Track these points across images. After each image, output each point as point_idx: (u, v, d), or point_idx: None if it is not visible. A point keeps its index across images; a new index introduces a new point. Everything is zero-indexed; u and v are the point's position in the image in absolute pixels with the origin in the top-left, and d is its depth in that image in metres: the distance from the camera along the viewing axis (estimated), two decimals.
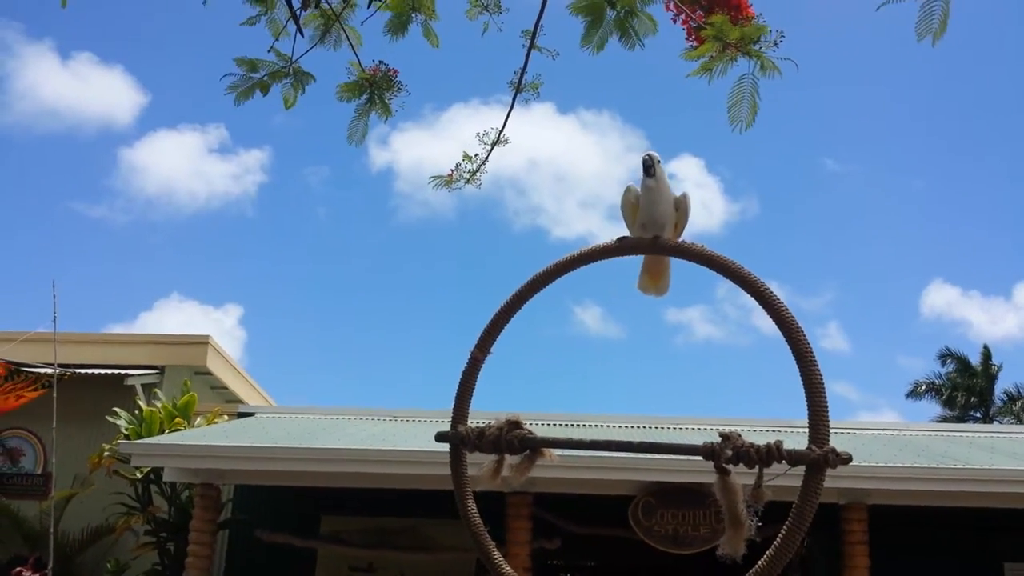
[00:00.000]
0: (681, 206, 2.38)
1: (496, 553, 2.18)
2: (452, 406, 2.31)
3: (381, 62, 4.49)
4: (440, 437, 2.28)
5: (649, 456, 7.97)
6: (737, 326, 43.80)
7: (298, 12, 4.20)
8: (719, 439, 1.98)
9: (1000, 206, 44.17)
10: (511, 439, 2.16)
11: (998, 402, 29.26)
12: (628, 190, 2.43)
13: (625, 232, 2.43)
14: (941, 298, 44.58)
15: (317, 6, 4.33)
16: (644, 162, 2.37)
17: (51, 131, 36.33)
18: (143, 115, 40.26)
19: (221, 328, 41.64)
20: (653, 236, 2.34)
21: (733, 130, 3.72)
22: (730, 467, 1.97)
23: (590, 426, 11.54)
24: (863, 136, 43.31)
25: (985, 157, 43.61)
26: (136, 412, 10.80)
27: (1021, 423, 26.99)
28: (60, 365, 9.39)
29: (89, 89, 37.97)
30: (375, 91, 4.47)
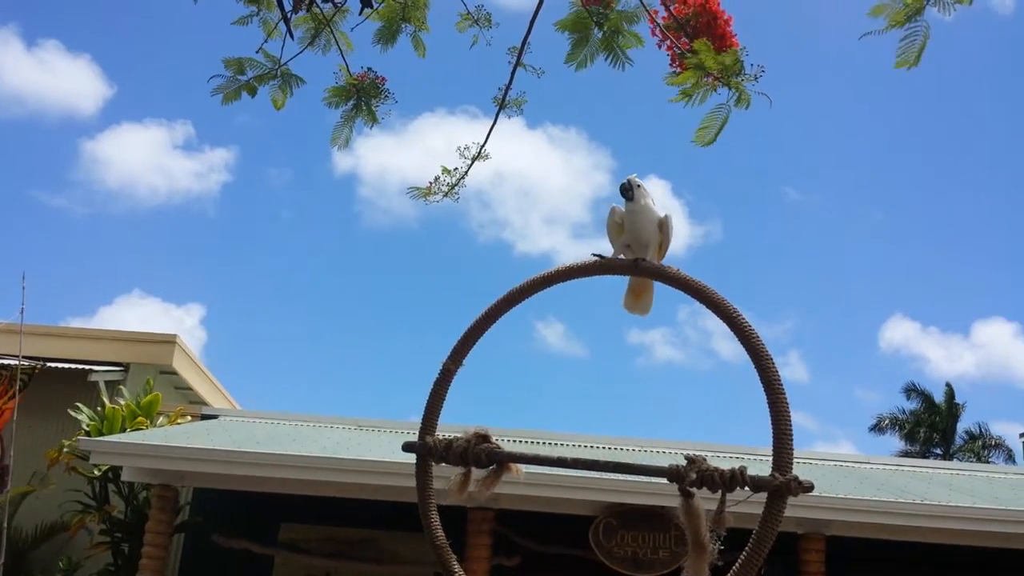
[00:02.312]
0: (664, 227, 2.41)
1: (458, 568, 2.18)
2: (420, 417, 2.31)
3: (369, 69, 4.51)
4: (407, 447, 2.27)
5: (613, 476, 7.99)
6: (698, 350, 44.06)
7: (289, 15, 4.20)
8: (684, 462, 2.00)
9: (962, 242, 44.94)
10: (479, 452, 2.16)
11: (959, 440, 29.63)
12: (613, 211, 2.45)
13: (609, 249, 2.45)
14: (900, 333, 45.19)
15: (309, 9, 4.34)
16: (623, 187, 2.40)
17: (14, 117, 35.81)
18: (107, 107, 39.86)
19: (182, 327, 41.20)
20: (634, 259, 2.36)
21: (693, 145, 3.81)
22: (694, 491, 1.99)
23: (555, 444, 11.53)
24: (823, 167, 43.93)
25: (947, 192, 44.40)
26: (98, 409, 10.66)
27: (981, 461, 27.34)
28: (25, 357, 9.25)
29: (54, 77, 37.53)
30: (362, 97, 4.47)
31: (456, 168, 4.52)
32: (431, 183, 4.51)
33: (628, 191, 2.39)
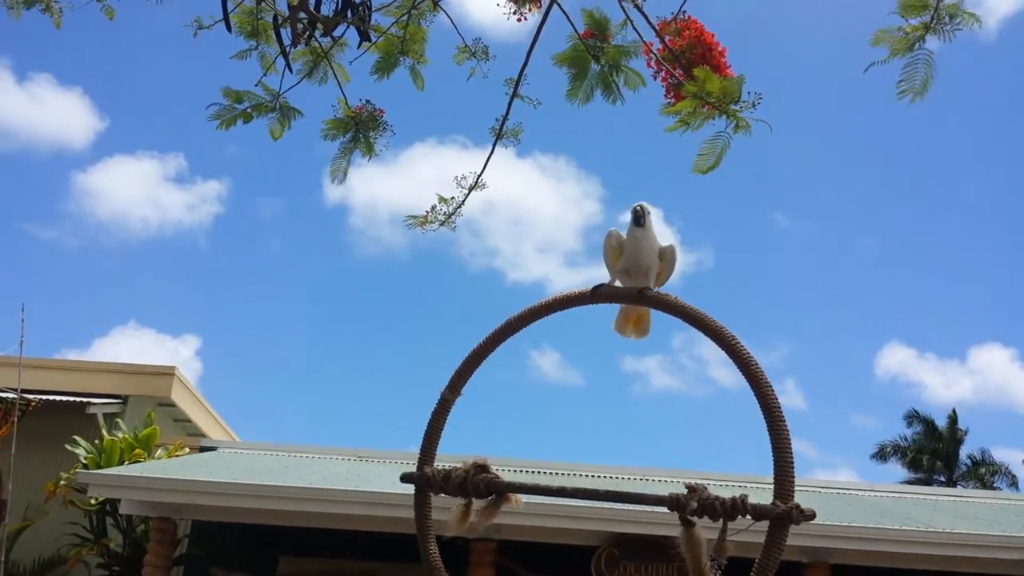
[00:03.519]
0: (666, 256, 2.39)
1: None
2: (419, 447, 2.30)
3: (368, 101, 4.53)
4: (406, 478, 2.26)
5: (614, 506, 7.94)
6: (694, 377, 43.91)
7: (288, 49, 4.24)
8: (685, 491, 1.99)
9: (956, 268, 44.98)
10: (478, 482, 2.15)
11: (962, 467, 29.48)
12: (610, 235, 2.43)
13: (606, 274, 2.44)
14: (896, 359, 45.09)
15: (308, 43, 4.37)
16: (635, 212, 2.38)
17: (5, 150, 35.95)
18: (99, 140, 39.94)
19: (178, 358, 41.01)
20: (640, 288, 2.34)
21: (693, 174, 3.82)
22: (695, 519, 1.97)
23: (555, 473, 11.47)
24: (811, 192, 44.06)
25: (939, 217, 44.49)
26: (96, 442, 10.61)
27: (985, 488, 27.17)
28: (23, 391, 9.22)
29: (46, 111, 37.63)
30: (360, 130, 4.50)
31: (453, 197, 4.53)
32: (428, 212, 4.51)
33: (640, 217, 2.36)
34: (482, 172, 4.57)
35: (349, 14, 4.15)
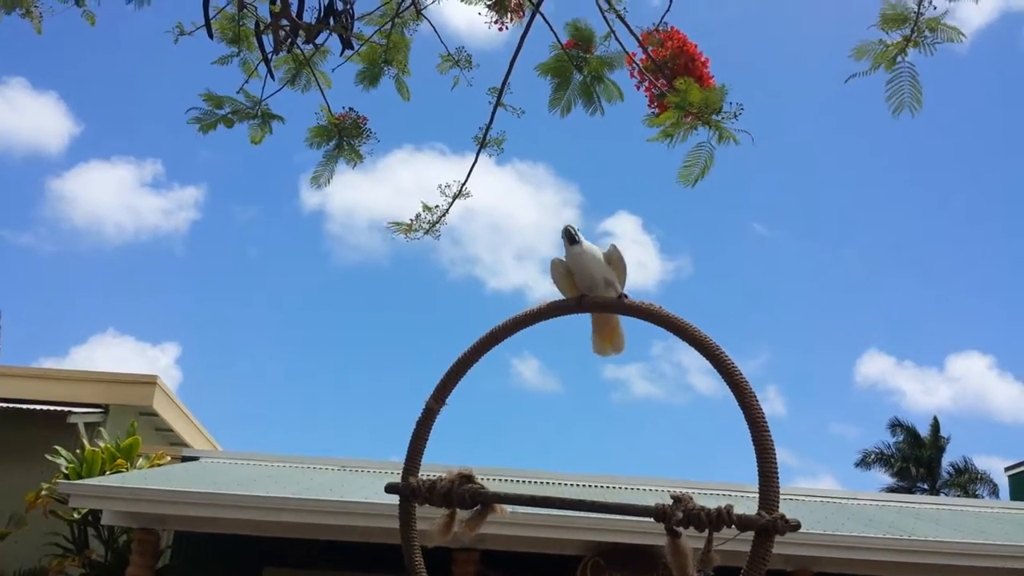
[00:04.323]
0: (614, 259, 2.36)
1: None
2: (404, 457, 2.28)
3: (351, 109, 4.53)
4: (390, 488, 2.24)
5: (599, 516, 7.92)
6: (674, 384, 43.92)
7: (270, 55, 4.23)
8: (671, 501, 1.98)
9: (934, 276, 45.27)
10: (463, 493, 2.13)
11: (945, 475, 29.65)
12: (555, 264, 2.39)
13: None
14: (876, 367, 45.25)
15: (290, 50, 4.36)
16: (566, 233, 2.34)
17: None
18: (74, 145, 39.57)
19: (157, 366, 40.68)
20: (620, 294, 2.33)
21: (681, 186, 3.84)
22: (680, 530, 1.97)
23: (540, 483, 11.44)
24: (790, 202, 44.20)
25: (917, 226, 44.76)
26: (78, 451, 10.51)
27: (967, 496, 27.33)
28: (3, 400, 9.14)
29: (20, 115, 37.25)
30: (344, 137, 4.49)
31: (437, 206, 4.53)
32: (412, 220, 4.51)
33: (573, 235, 2.33)
34: (466, 181, 4.57)
35: (331, 21, 4.15)
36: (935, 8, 3.72)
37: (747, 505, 2.09)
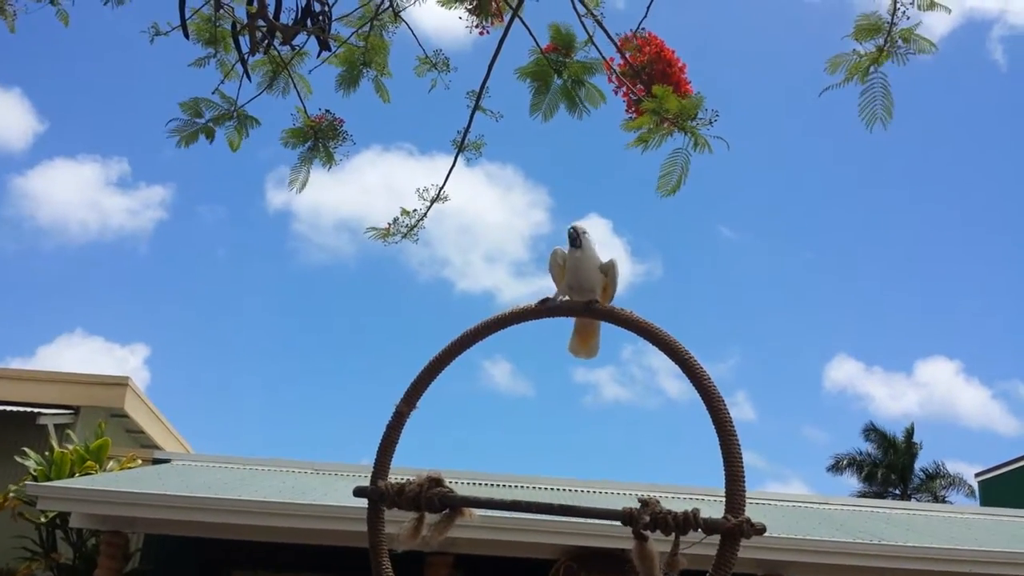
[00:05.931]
0: (609, 272, 2.43)
1: None
2: (373, 460, 2.28)
3: (327, 111, 4.51)
4: (359, 492, 2.24)
5: (570, 519, 7.94)
6: (644, 388, 44.03)
7: (247, 56, 4.20)
8: (638, 505, 2.00)
9: (901, 281, 45.68)
10: (431, 496, 2.13)
11: (916, 480, 29.93)
12: (555, 253, 2.47)
13: (553, 289, 2.46)
14: (844, 372, 45.57)
15: (267, 52, 4.34)
16: (570, 235, 2.42)
17: None
18: (39, 142, 39.01)
19: (126, 367, 40.12)
20: (587, 300, 2.37)
21: (660, 196, 3.85)
22: (648, 533, 1.98)
23: (510, 486, 11.44)
24: (756, 206, 44.43)
25: (885, 231, 45.16)
26: (47, 453, 10.38)
27: (939, 501, 27.61)
28: None
29: None
30: (319, 139, 4.47)
31: (415, 209, 4.52)
32: (390, 224, 4.50)
33: (576, 239, 2.41)
34: (444, 184, 4.57)
35: (309, 23, 4.13)
36: (908, 19, 3.77)
37: (715, 509, 2.11)
